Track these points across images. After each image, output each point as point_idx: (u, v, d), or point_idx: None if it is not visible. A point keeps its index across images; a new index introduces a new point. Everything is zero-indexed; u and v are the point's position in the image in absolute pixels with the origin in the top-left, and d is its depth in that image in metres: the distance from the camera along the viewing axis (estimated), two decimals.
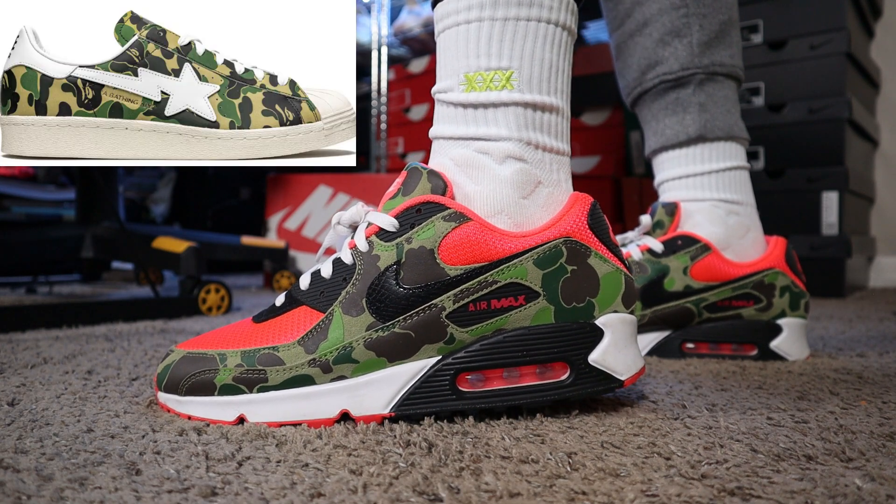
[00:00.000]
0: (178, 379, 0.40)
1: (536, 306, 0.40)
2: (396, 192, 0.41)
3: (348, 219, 0.43)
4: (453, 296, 0.39)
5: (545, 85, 0.42)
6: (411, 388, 0.39)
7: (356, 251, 0.40)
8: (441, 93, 0.44)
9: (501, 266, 0.39)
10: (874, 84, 1.72)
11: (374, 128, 2.40)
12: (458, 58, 0.42)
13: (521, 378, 0.40)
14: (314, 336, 0.39)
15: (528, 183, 0.42)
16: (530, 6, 0.41)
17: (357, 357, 0.39)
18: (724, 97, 0.68)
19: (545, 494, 0.28)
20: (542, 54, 0.42)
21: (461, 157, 0.42)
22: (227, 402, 0.39)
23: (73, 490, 0.28)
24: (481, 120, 0.42)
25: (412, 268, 0.39)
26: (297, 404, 0.39)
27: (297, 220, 1.72)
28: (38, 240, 1.16)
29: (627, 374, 0.41)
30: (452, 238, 0.39)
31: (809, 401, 0.46)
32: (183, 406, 0.40)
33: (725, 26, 0.68)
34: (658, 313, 0.65)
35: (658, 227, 0.66)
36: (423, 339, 0.39)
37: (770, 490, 0.29)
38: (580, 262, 0.41)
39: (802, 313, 0.65)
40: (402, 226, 0.40)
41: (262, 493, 0.28)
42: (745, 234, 0.67)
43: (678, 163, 0.69)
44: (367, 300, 0.39)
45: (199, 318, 1.01)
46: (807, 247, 1.42)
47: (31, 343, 0.70)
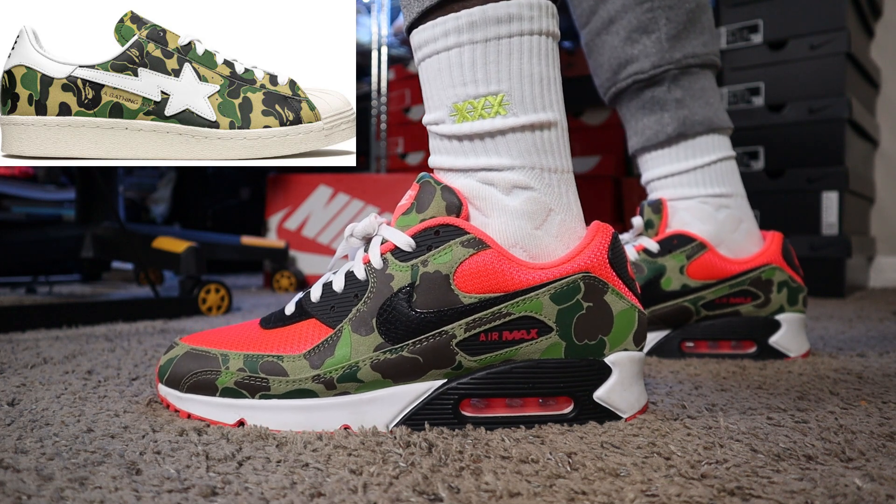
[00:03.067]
0: (180, 375, 0.40)
1: (548, 341, 0.39)
2: (410, 207, 0.40)
3: (361, 231, 0.41)
4: (465, 324, 0.38)
5: (538, 101, 0.40)
6: (414, 408, 0.39)
7: (370, 267, 0.39)
8: (433, 125, 0.42)
9: (517, 298, 0.38)
10: (874, 84, 1.72)
11: (374, 128, 2.40)
12: (444, 87, 0.40)
13: (523, 407, 0.40)
14: (321, 351, 0.39)
15: (539, 212, 0.40)
16: (510, 22, 0.39)
17: (362, 377, 0.38)
18: (701, 88, 0.67)
19: (545, 494, 0.28)
20: (529, 69, 0.40)
21: (466, 187, 0.41)
22: (228, 405, 0.39)
23: (73, 490, 0.28)
24: (480, 150, 0.40)
25: (426, 292, 0.38)
26: (299, 415, 0.38)
27: (297, 220, 1.72)
28: (38, 240, 1.16)
29: (630, 412, 0.41)
30: (469, 265, 0.38)
31: (809, 401, 0.46)
32: (183, 403, 0.40)
33: (694, 14, 0.66)
34: (656, 313, 0.65)
35: (649, 226, 0.66)
36: (431, 365, 0.38)
37: (770, 490, 0.29)
38: (597, 298, 0.39)
39: (801, 308, 0.65)
40: (419, 247, 0.38)
41: (263, 493, 0.28)
42: (737, 227, 0.66)
43: (661, 161, 0.68)
44: (377, 320, 0.38)
45: (199, 318, 1.01)
46: (807, 247, 1.42)
47: (31, 343, 0.70)
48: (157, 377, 0.42)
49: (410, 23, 0.42)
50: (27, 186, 1.84)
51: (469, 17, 0.39)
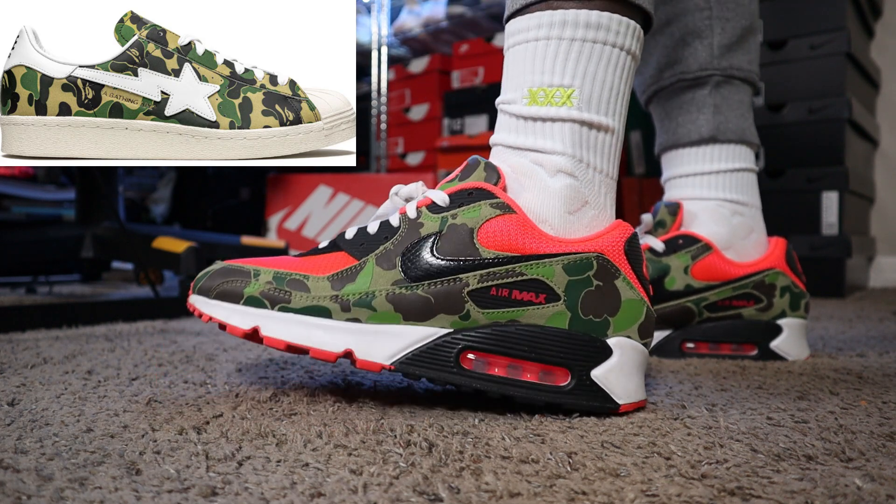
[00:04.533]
0: (212, 283, 0.43)
1: (554, 308, 0.41)
2: (454, 178, 0.44)
3: (406, 192, 0.45)
4: (480, 276, 0.41)
5: (603, 106, 0.44)
6: (417, 349, 0.41)
7: (404, 217, 0.43)
8: (504, 104, 0.46)
9: (531, 261, 0.41)
10: (874, 84, 1.72)
11: (374, 128, 2.40)
12: (524, 73, 0.44)
13: (522, 373, 0.41)
14: (344, 277, 0.42)
15: (575, 199, 0.43)
16: (597, 29, 0.42)
17: (376, 306, 0.41)
18: (739, 101, 0.68)
19: (545, 494, 0.28)
20: (603, 76, 0.43)
21: (517, 165, 0.44)
22: (247, 312, 0.42)
23: (73, 490, 0.28)
24: (539, 133, 0.44)
25: (450, 240, 0.41)
26: (309, 331, 0.41)
27: (297, 220, 1.72)
28: (38, 240, 1.16)
29: (626, 401, 0.41)
30: (494, 224, 0.41)
31: (809, 401, 0.46)
32: (209, 307, 0.43)
33: (746, 32, 0.68)
34: (658, 312, 0.65)
35: (660, 226, 0.66)
36: (441, 308, 0.41)
37: (770, 490, 0.29)
38: (607, 280, 0.42)
39: (802, 313, 0.65)
40: (453, 203, 0.42)
41: (263, 493, 0.28)
42: (748, 235, 0.67)
43: (688, 160, 0.69)
44: (400, 258, 0.41)
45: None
46: (807, 247, 1.42)
47: (31, 343, 0.70)
48: (190, 290, 0.45)
49: (511, 12, 0.45)
50: (27, 186, 1.84)
51: (563, 16, 0.43)
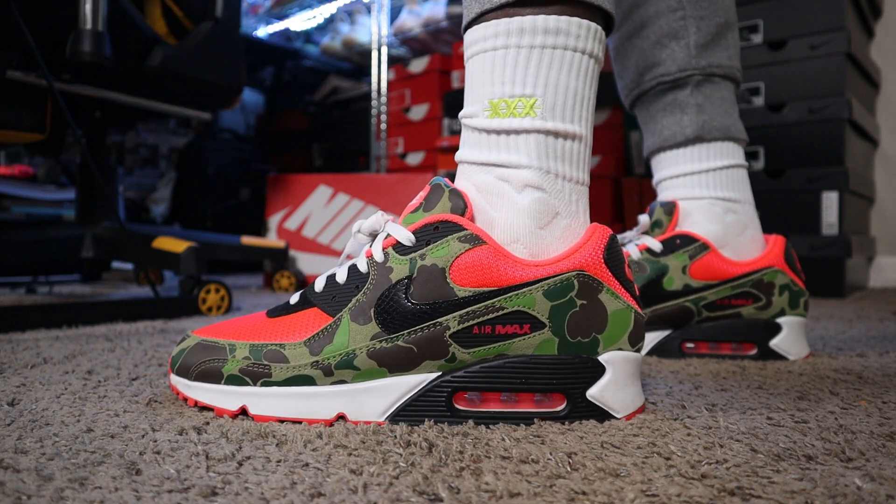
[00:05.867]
0: (189, 364, 0.42)
1: (541, 336, 0.40)
2: (418, 207, 0.42)
3: (368, 227, 0.43)
4: (459, 316, 0.39)
5: (568, 113, 0.42)
6: (408, 399, 0.40)
7: (371, 261, 0.41)
8: (466, 118, 0.44)
9: (510, 293, 0.39)
10: (874, 84, 1.72)
11: (374, 128, 2.40)
12: (485, 84, 0.43)
13: (518, 403, 0.40)
14: (320, 339, 0.40)
15: (545, 213, 0.42)
16: (556, 34, 0.41)
17: (359, 365, 0.40)
18: (722, 98, 0.69)
19: (545, 494, 0.28)
20: (566, 82, 0.42)
21: (483, 182, 0.43)
22: (231, 392, 0.41)
23: (73, 490, 0.28)
24: (503, 146, 0.42)
25: (422, 284, 0.39)
26: (297, 402, 0.40)
27: (297, 220, 1.72)
28: (38, 240, 1.16)
29: (625, 413, 0.41)
30: (465, 259, 0.39)
31: (809, 401, 0.46)
32: (191, 390, 0.42)
33: (722, 28, 0.68)
34: (657, 312, 0.65)
35: (656, 226, 0.67)
36: (425, 355, 0.39)
37: (770, 490, 0.29)
38: (591, 296, 0.40)
39: (802, 311, 0.65)
40: (419, 241, 0.40)
41: (263, 493, 0.28)
42: (742, 232, 0.67)
43: (676, 161, 0.69)
44: (375, 310, 0.40)
45: (199, 318, 1.01)
46: (807, 247, 1.42)
47: (31, 343, 0.70)
48: (169, 367, 0.44)
49: (468, 22, 0.44)
50: (27, 186, 1.84)
51: (521, 23, 0.41)
